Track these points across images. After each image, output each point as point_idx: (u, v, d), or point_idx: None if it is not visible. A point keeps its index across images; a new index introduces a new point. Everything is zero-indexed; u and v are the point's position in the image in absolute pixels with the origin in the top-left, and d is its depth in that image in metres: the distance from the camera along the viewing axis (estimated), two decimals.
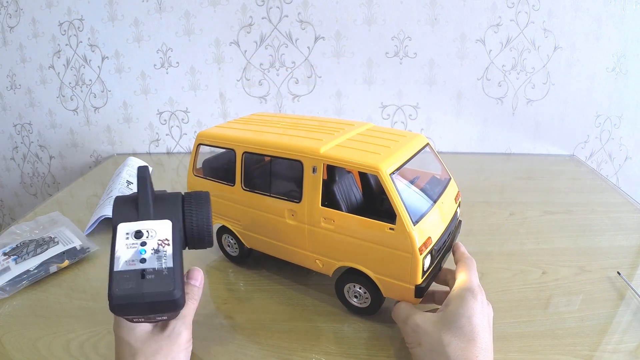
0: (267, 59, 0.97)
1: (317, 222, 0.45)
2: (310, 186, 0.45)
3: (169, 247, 0.33)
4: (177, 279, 0.32)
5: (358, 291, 0.46)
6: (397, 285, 0.42)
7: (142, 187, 0.36)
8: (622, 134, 1.02)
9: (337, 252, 0.45)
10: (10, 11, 0.98)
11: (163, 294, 0.31)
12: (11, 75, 1.04)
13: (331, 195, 0.45)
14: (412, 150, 0.47)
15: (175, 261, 0.32)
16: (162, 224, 0.34)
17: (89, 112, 1.06)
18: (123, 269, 0.32)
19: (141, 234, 0.34)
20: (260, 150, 0.48)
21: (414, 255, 0.40)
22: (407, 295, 0.42)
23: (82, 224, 0.68)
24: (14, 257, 0.55)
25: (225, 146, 0.52)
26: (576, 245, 0.62)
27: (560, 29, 0.92)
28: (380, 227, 0.41)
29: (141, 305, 0.31)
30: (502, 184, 0.86)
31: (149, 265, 0.32)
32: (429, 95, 0.99)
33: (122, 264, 0.32)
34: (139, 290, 0.31)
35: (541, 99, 0.99)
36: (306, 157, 0.44)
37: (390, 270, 0.42)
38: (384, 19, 0.93)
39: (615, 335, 0.44)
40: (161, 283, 0.31)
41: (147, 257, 0.32)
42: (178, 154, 1.08)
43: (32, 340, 0.45)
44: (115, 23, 0.96)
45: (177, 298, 0.31)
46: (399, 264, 0.41)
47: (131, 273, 0.32)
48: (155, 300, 0.31)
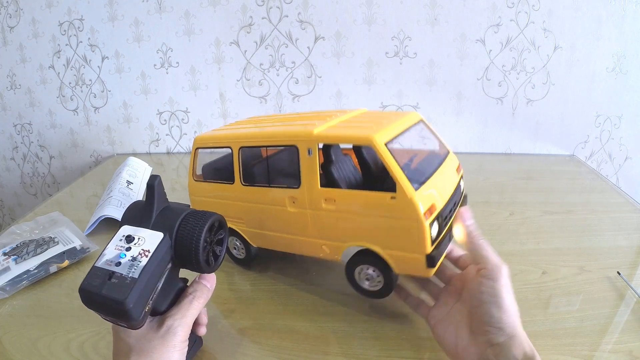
0: (267, 59, 0.97)
1: (318, 205, 0.44)
2: (307, 169, 0.44)
3: (145, 259, 0.33)
4: (136, 291, 0.32)
5: (369, 273, 0.45)
6: (408, 257, 0.41)
7: (149, 194, 0.37)
8: (622, 134, 1.02)
9: (343, 233, 0.44)
10: (10, 11, 0.98)
11: (114, 300, 0.31)
12: (11, 75, 1.04)
13: (329, 176, 0.45)
14: (404, 124, 0.46)
15: (144, 274, 0.32)
16: (154, 235, 0.35)
17: (89, 112, 1.06)
18: (100, 266, 0.33)
19: (132, 239, 0.35)
20: (256, 142, 0.49)
21: (419, 221, 0.38)
22: (419, 267, 0.40)
23: (82, 224, 0.68)
24: (14, 257, 0.55)
25: (222, 145, 0.52)
26: (576, 245, 0.62)
27: (560, 29, 0.92)
28: (381, 198, 0.40)
29: (98, 304, 0.32)
30: (502, 184, 0.86)
31: (119, 270, 0.33)
32: (429, 95, 0.99)
33: (102, 262, 0.33)
34: (99, 290, 0.32)
35: (541, 99, 0.99)
36: (300, 140, 0.44)
37: (398, 243, 0.41)
38: (384, 19, 0.93)
39: (615, 335, 0.44)
40: (118, 290, 0.32)
41: (123, 262, 0.33)
42: (178, 154, 1.08)
43: (32, 340, 0.45)
44: (115, 23, 0.96)
45: (127, 309, 0.31)
46: (405, 234, 0.40)
47: (103, 272, 0.33)
48: (106, 303, 0.32)
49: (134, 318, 0.32)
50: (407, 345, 0.43)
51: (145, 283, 0.33)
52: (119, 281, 0.32)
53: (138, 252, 0.34)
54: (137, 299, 0.32)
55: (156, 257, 0.34)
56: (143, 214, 0.36)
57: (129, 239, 0.35)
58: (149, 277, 0.33)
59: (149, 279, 0.33)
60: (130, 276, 0.32)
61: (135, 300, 0.31)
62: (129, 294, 0.31)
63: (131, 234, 0.35)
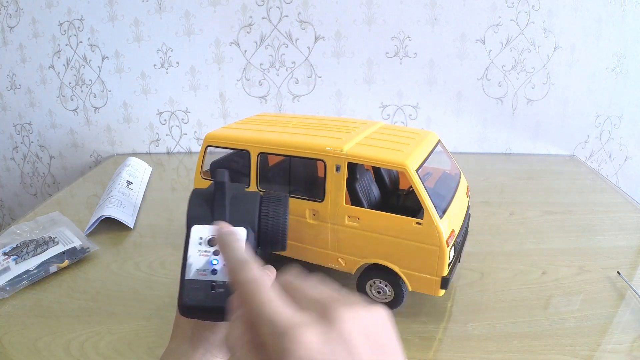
0: (267, 59, 0.97)
1: (341, 221, 0.45)
2: (333, 185, 0.45)
3: None
4: None
5: (381, 287, 0.47)
6: (424, 278, 0.43)
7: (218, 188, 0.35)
8: (622, 134, 1.02)
9: (362, 250, 0.46)
10: (10, 11, 0.98)
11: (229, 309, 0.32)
12: (11, 75, 1.04)
13: (354, 193, 0.46)
14: (429, 147, 0.48)
15: None
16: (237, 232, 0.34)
17: (89, 112, 1.06)
18: (194, 278, 0.32)
19: (214, 241, 0.33)
20: (280, 151, 0.48)
21: (441, 247, 0.41)
22: (433, 287, 0.43)
23: (82, 224, 0.68)
24: (14, 257, 0.55)
25: (238, 147, 0.50)
26: (576, 245, 0.62)
27: (560, 29, 0.92)
28: (407, 222, 0.42)
29: (208, 314, 0.32)
30: (502, 184, 0.86)
31: (220, 277, 0.32)
32: (429, 95, 0.99)
33: (193, 272, 0.32)
34: (208, 303, 0.31)
35: (541, 99, 0.99)
36: (329, 155, 0.45)
37: (417, 264, 0.43)
38: (384, 19, 0.93)
39: (615, 335, 0.44)
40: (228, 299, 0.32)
41: (218, 268, 0.32)
42: (178, 154, 1.08)
43: (32, 340, 0.45)
44: (115, 23, 0.96)
45: None
46: (426, 257, 0.42)
47: (201, 283, 0.32)
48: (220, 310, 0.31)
49: None
50: (408, 345, 0.43)
51: None
52: (225, 290, 0.31)
53: None
54: None
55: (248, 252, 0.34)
56: (214, 210, 0.35)
57: (212, 242, 0.33)
58: None
59: None
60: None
61: None
62: None
63: (212, 235, 0.34)
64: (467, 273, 0.55)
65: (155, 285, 0.54)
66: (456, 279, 0.54)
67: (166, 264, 0.59)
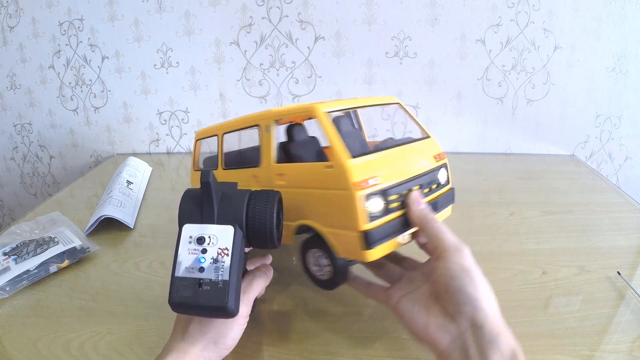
0: (267, 59, 0.97)
1: (273, 182, 0.44)
2: (265, 146, 0.45)
3: (227, 258, 0.33)
4: (232, 291, 0.33)
5: (319, 258, 0.42)
6: (345, 236, 0.37)
7: (205, 190, 0.36)
8: (622, 134, 1.02)
9: (291, 210, 0.42)
10: (10, 11, 0.98)
11: (215, 307, 0.32)
12: (11, 75, 1.04)
13: (288, 154, 0.46)
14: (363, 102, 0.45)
15: (232, 273, 0.33)
16: (225, 230, 0.35)
17: (89, 112, 1.06)
18: (183, 276, 0.33)
19: (203, 240, 0.34)
20: (232, 128, 0.52)
21: (350, 190, 0.35)
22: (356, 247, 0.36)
23: (82, 224, 0.68)
24: (14, 257, 0.55)
25: (212, 134, 0.56)
26: (576, 245, 0.62)
27: (560, 29, 0.92)
28: (319, 168, 0.38)
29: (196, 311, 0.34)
30: (502, 184, 0.86)
31: (207, 275, 0.33)
32: (429, 95, 0.99)
33: (182, 270, 0.34)
34: (195, 300, 0.32)
35: (541, 99, 0.99)
36: (261, 119, 0.46)
37: (335, 218, 0.37)
38: (384, 19, 0.93)
39: (615, 335, 0.44)
40: (215, 295, 0.32)
41: (205, 266, 0.33)
42: (178, 154, 1.08)
43: (32, 340, 0.45)
44: (115, 23, 0.96)
45: (229, 311, 0.32)
46: (340, 206, 0.36)
47: (189, 281, 0.33)
48: (207, 310, 0.33)
49: (233, 313, 0.33)
50: (408, 345, 0.43)
51: (236, 280, 0.34)
52: (211, 287, 0.32)
53: (217, 253, 0.34)
54: (234, 298, 0.33)
55: (236, 252, 0.34)
56: (203, 209, 0.36)
57: (200, 240, 0.34)
58: (237, 273, 0.34)
59: (237, 275, 0.34)
60: (221, 279, 0.33)
61: (233, 300, 0.33)
62: (227, 297, 0.32)
63: (200, 234, 0.34)
64: None
65: (155, 285, 0.54)
66: None
67: (166, 264, 0.59)
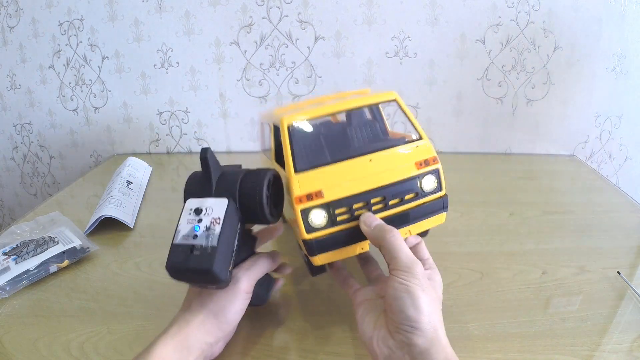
0: (267, 59, 0.97)
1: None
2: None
3: (218, 227, 0.36)
4: (220, 257, 0.35)
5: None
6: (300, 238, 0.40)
7: (204, 166, 0.39)
8: (622, 134, 1.02)
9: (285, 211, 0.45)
10: (10, 11, 0.98)
11: (202, 270, 0.34)
12: (11, 75, 1.04)
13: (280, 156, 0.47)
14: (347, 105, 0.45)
15: (222, 241, 0.35)
16: (219, 202, 0.37)
17: (89, 112, 1.06)
18: (179, 242, 0.36)
19: (200, 210, 0.37)
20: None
21: (293, 204, 0.39)
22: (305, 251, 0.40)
23: (82, 224, 0.68)
24: (14, 257, 0.55)
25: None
26: (576, 245, 0.62)
27: (560, 29, 0.92)
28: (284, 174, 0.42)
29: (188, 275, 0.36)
30: (502, 184, 0.86)
31: (199, 242, 0.35)
32: (429, 95, 0.99)
33: (179, 238, 0.36)
34: (185, 265, 0.35)
35: (541, 99, 0.99)
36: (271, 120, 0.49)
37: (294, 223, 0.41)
38: (384, 19, 0.93)
39: (615, 335, 0.44)
40: (203, 260, 0.34)
41: (199, 234, 0.36)
42: (178, 154, 1.08)
43: (32, 340, 0.45)
44: (115, 23, 0.96)
45: (215, 274, 0.34)
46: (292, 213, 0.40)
47: (184, 247, 0.36)
48: (196, 273, 0.35)
49: (222, 280, 0.35)
50: None
51: (225, 247, 0.36)
52: (201, 252, 0.35)
53: (210, 222, 0.36)
54: (221, 264, 0.35)
55: (227, 221, 0.36)
56: (203, 184, 0.39)
57: (198, 211, 0.37)
58: (226, 241, 0.36)
59: (226, 243, 0.36)
60: (210, 245, 0.35)
61: (220, 265, 0.35)
62: (214, 262, 0.34)
63: (198, 206, 0.37)
64: (467, 273, 0.55)
65: (155, 285, 0.54)
66: (456, 278, 0.54)
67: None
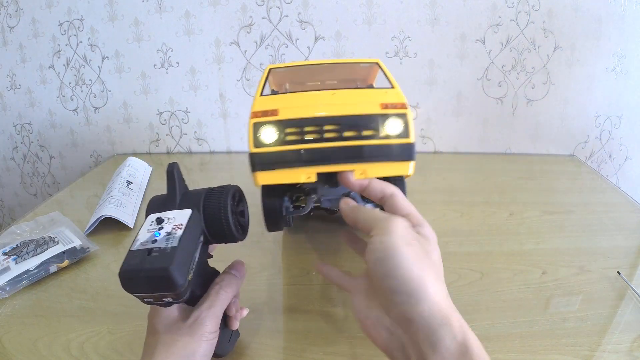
0: (267, 59, 0.97)
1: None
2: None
3: (180, 231, 0.34)
4: (179, 258, 0.32)
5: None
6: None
7: (170, 180, 0.39)
8: (622, 134, 1.02)
9: None
10: (10, 11, 0.98)
11: (159, 269, 0.32)
12: (11, 75, 1.04)
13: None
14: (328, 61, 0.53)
15: (182, 243, 0.33)
16: (183, 212, 0.36)
17: (89, 112, 1.06)
18: (136, 249, 0.34)
19: (162, 220, 0.36)
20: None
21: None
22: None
23: (82, 224, 0.68)
24: (14, 257, 0.55)
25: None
26: (576, 245, 0.62)
27: (560, 29, 0.92)
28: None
29: (142, 279, 0.32)
30: (502, 184, 0.86)
31: (157, 245, 0.33)
32: (429, 95, 0.99)
33: (137, 245, 0.34)
34: (141, 266, 0.32)
35: (541, 99, 0.99)
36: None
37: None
38: (384, 19, 0.93)
39: (615, 335, 0.44)
40: (161, 260, 0.32)
41: (158, 238, 0.34)
42: (178, 154, 1.08)
43: (32, 340, 0.45)
44: (115, 23, 0.96)
45: (173, 275, 0.31)
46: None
47: (141, 252, 0.33)
48: (152, 274, 0.32)
49: (179, 283, 0.32)
50: None
51: (185, 252, 0.34)
52: (159, 253, 0.33)
53: (172, 228, 0.35)
54: (180, 265, 0.32)
55: (190, 227, 0.35)
56: (166, 200, 0.38)
57: (159, 220, 0.36)
58: (187, 246, 0.34)
59: (187, 248, 0.34)
60: (169, 246, 0.33)
61: (179, 267, 0.32)
62: (173, 259, 0.32)
63: (160, 216, 0.36)
64: (467, 273, 0.55)
65: None
66: (456, 278, 0.54)
67: None
